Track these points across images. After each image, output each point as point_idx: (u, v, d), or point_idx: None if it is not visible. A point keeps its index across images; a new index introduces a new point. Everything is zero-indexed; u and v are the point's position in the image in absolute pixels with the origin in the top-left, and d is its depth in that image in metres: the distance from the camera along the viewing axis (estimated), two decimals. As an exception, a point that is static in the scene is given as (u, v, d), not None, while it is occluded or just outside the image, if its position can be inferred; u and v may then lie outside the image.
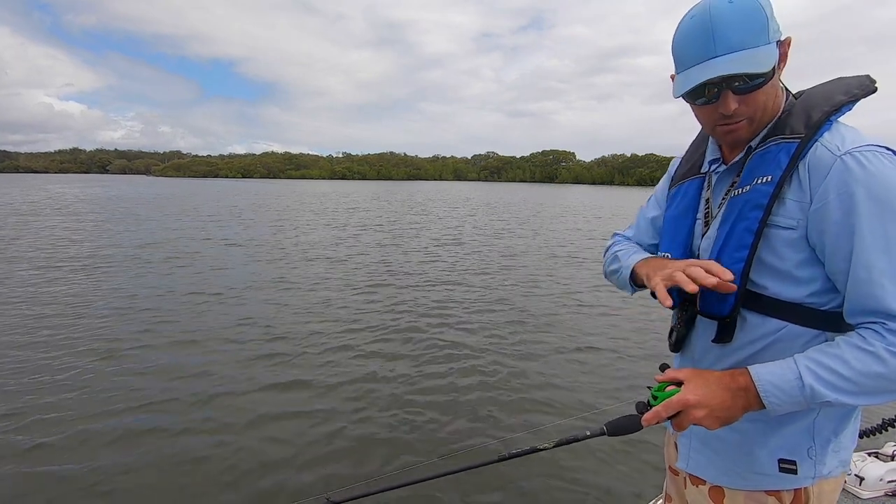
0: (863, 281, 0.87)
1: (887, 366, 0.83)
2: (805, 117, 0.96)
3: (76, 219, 19.65)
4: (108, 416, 4.00)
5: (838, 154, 0.90)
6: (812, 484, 1.01)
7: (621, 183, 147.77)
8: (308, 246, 13.57)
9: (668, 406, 0.93)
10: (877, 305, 0.86)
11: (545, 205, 36.86)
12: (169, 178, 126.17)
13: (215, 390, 4.50)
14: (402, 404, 4.33)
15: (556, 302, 8.00)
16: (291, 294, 8.13)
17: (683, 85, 0.98)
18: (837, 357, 0.87)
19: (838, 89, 0.98)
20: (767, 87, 0.96)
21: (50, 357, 5.17)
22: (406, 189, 69.14)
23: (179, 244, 13.35)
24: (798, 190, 0.94)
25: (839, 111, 0.95)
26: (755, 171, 0.99)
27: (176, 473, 3.31)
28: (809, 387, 0.86)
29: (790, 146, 0.95)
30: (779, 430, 1.01)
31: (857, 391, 0.86)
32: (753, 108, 0.98)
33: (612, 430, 1.04)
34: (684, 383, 0.96)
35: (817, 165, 0.92)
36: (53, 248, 12.07)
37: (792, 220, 0.95)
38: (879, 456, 2.33)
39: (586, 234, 18.20)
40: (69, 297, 7.57)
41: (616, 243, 1.39)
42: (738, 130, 1.01)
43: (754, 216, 0.97)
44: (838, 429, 1.01)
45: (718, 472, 1.09)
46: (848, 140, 0.92)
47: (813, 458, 1.00)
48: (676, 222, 1.19)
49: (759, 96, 0.97)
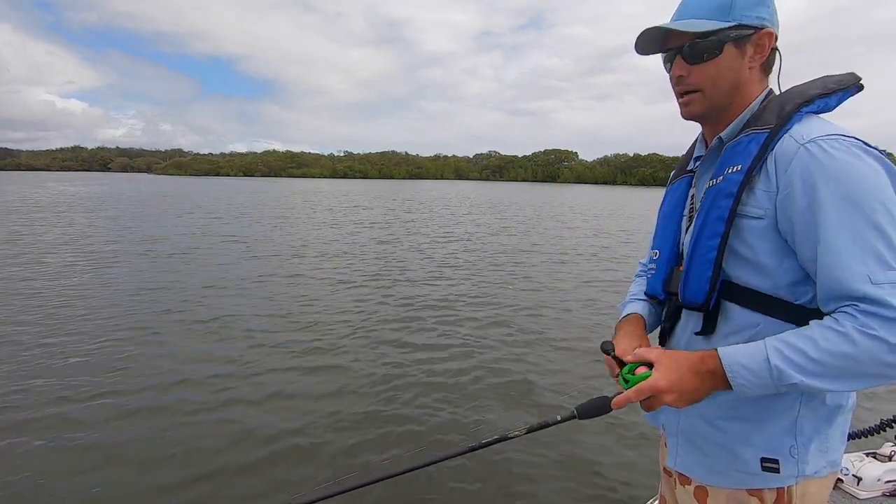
0: (830, 266, 0.87)
1: (856, 346, 0.82)
2: (778, 110, 0.98)
3: (105, 217, 19.71)
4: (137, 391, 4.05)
5: (802, 143, 0.92)
6: (795, 483, 1.01)
7: (624, 182, 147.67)
8: (307, 242, 13.60)
9: (640, 391, 0.94)
10: (846, 290, 0.86)
11: (548, 204, 36.83)
12: (171, 177, 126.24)
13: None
14: (371, 400, 4.31)
15: (544, 298, 8.03)
16: (270, 289, 8.16)
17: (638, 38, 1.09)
18: (807, 338, 0.86)
19: (815, 85, 1.01)
20: (718, 63, 1.02)
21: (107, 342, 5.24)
22: (409, 188, 69.17)
23: (203, 241, 13.43)
24: (766, 180, 0.96)
25: (811, 104, 0.97)
26: (728, 162, 1.02)
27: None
28: (776, 367, 0.86)
29: (760, 136, 0.98)
30: (761, 429, 1.01)
31: (824, 373, 0.84)
32: (701, 79, 1.04)
33: (582, 414, 1.05)
34: (655, 366, 0.97)
35: (783, 155, 0.94)
36: (103, 243, 12.15)
37: (760, 209, 0.96)
38: (877, 456, 2.33)
39: (584, 232, 18.24)
40: (120, 286, 7.65)
41: (633, 286, 1.42)
42: (692, 104, 1.07)
43: (724, 204, 0.99)
44: (822, 428, 1.00)
45: (704, 470, 1.10)
46: (815, 130, 0.93)
47: (795, 458, 1.00)
48: (666, 220, 1.24)
49: (707, 68, 1.03)
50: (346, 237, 15.40)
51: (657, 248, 1.23)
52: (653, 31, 1.06)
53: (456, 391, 4.53)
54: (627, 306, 1.31)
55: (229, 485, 3.19)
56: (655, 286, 1.20)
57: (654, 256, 1.23)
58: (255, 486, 3.16)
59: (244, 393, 4.43)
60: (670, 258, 1.18)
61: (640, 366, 1.01)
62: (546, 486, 3.24)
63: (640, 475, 3.34)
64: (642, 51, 1.12)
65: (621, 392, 0.99)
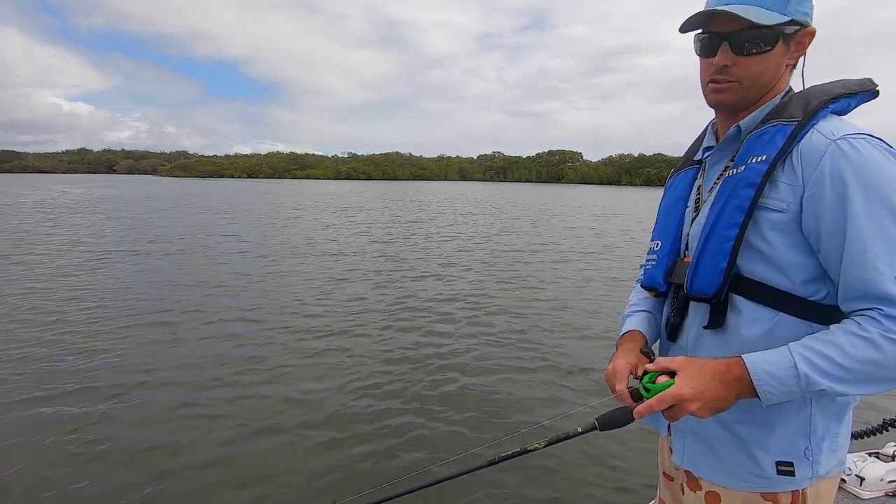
0: (857, 266, 0.87)
1: (883, 352, 0.82)
2: (804, 104, 0.98)
3: (138, 218, 19.80)
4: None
5: (833, 139, 0.91)
6: (809, 485, 1.00)
7: (629, 183, 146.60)
8: (342, 248, 13.62)
9: (662, 400, 0.91)
10: (872, 290, 0.85)
11: (553, 203, 36.74)
12: (175, 178, 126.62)
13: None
14: (387, 413, 4.25)
15: (551, 302, 8.01)
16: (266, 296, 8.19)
17: (691, 16, 1.02)
18: (832, 344, 0.86)
19: (838, 85, 1.00)
20: (766, 59, 0.98)
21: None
22: (414, 189, 69.03)
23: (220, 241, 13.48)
24: (791, 173, 0.95)
25: (836, 101, 0.97)
26: (750, 152, 1.00)
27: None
28: (804, 375, 0.85)
29: (787, 128, 0.96)
30: (775, 432, 0.99)
31: (852, 379, 0.84)
32: (746, 72, 1.00)
33: (603, 425, 1.02)
34: (678, 374, 0.94)
35: (811, 150, 0.93)
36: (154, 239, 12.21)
37: (782, 202, 0.95)
38: (880, 456, 2.33)
39: (591, 232, 18.20)
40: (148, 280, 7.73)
41: (633, 294, 1.38)
42: (726, 91, 1.03)
43: (746, 194, 0.97)
44: (833, 427, 1.00)
45: (715, 472, 1.07)
46: (843, 128, 0.93)
47: (810, 459, 0.99)
48: (667, 211, 1.22)
49: (753, 63, 0.99)
50: (372, 241, 15.37)
51: (658, 239, 1.20)
52: (713, 13, 0.99)
53: (469, 403, 4.44)
54: (627, 321, 1.27)
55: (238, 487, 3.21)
56: (656, 277, 1.17)
57: (655, 247, 1.21)
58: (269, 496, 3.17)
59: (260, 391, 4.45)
60: (672, 249, 1.16)
61: (661, 374, 0.97)
62: (544, 487, 3.24)
63: (636, 478, 3.33)
64: (687, 28, 1.05)
65: (640, 402, 0.96)
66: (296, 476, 3.33)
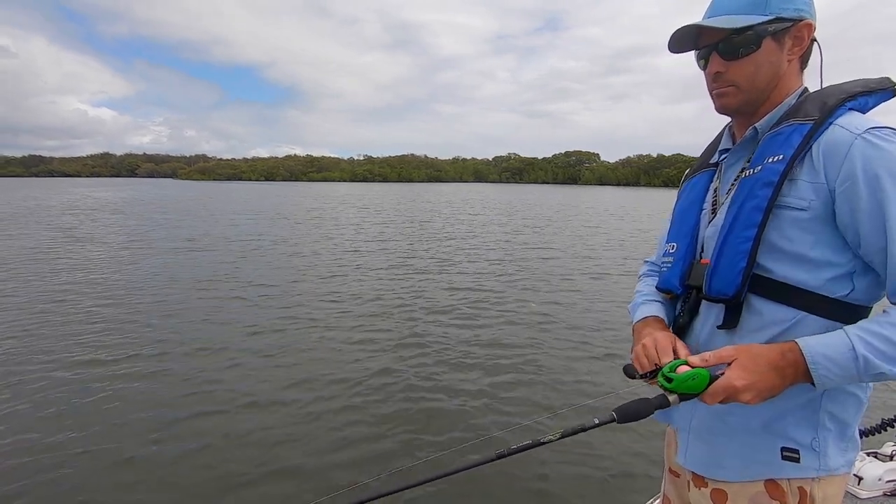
0: None
1: None
2: (820, 103, 0.97)
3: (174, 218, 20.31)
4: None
5: (858, 132, 0.90)
6: (816, 477, 0.98)
7: (647, 184, 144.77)
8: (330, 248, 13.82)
9: (714, 395, 0.91)
10: None
11: (572, 206, 36.55)
12: (195, 182, 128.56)
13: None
14: (399, 404, 4.33)
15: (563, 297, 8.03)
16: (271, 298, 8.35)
17: (677, 38, 1.06)
18: (891, 325, 0.84)
19: (857, 83, 1.00)
20: (756, 59, 1.00)
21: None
22: (432, 191, 69.20)
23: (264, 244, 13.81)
24: (811, 171, 0.93)
25: (854, 99, 0.96)
26: (766, 152, 1.00)
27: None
28: (863, 357, 0.83)
29: (803, 127, 0.95)
30: (783, 420, 0.99)
31: None
32: (738, 75, 1.02)
33: (622, 417, 0.97)
34: (731, 364, 0.92)
35: (834, 145, 0.92)
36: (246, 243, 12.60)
37: (803, 200, 0.93)
38: (878, 456, 2.33)
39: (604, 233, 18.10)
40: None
41: (639, 283, 1.37)
42: (726, 96, 1.05)
43: (763, 194, 0.96)
44: (843, 423, 0.99)
45: (721, 469, 1.06)
46: (866, 122, 0.92)
47: (817, 451, 0.98)
48: (683, 214, 1.21)
49: (744, 65, 1.01)
50: (400, 245, 15.55)
51: (674, 242, 1.19)
52: (687, 28, 1.04)
53: (484, 393, 4.54)
54: (641, 308, 1.23)
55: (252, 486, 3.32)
56: (672, 280, 1.15)
57: (671, 250, 1.19)
58: (280, 490, 3.26)
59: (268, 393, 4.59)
60: (688, 251, 1.14)
61: (681, 364, 0.95)
62: (546, 481, 3.28)
63: (641, 472, 3.35)
64: (676, 49, 1.09)
65: (661, 394, 0.95)
66: (321, 457, 3.51)
